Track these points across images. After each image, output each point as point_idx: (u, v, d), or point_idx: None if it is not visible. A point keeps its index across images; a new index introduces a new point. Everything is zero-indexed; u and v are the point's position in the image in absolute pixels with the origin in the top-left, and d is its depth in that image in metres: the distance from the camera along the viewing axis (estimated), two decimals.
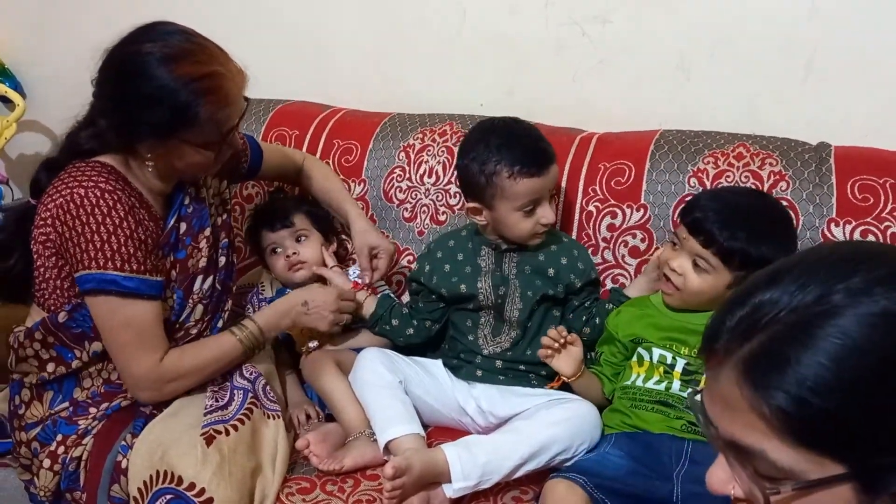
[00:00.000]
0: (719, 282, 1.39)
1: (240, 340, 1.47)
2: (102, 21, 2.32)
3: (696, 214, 1.41)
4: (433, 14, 2.00)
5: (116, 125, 1.36)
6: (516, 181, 1.47)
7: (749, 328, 0.66)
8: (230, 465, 1.29)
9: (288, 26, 1.50)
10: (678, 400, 1.39)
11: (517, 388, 1.54)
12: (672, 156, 1.63)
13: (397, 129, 1.90)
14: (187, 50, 1.33)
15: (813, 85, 1.69)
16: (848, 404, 0.62)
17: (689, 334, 1.43)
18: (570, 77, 1.89)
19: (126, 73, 1.33)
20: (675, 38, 1.78)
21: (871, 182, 1.49)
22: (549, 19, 1.87)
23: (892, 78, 1.63)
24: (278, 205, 1.78)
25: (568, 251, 1.59)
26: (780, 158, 1.57)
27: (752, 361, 0.65)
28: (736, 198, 1.46)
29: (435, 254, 1.65)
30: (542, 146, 1.53)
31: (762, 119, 1.70)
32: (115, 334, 1.37)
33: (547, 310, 1.58)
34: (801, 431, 0.63)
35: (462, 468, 1.32)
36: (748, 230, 1.37)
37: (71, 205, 1.33)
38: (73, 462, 1.39)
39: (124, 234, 1.34)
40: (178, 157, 1.38)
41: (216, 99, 1.34)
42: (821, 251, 0.71)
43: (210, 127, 1.35)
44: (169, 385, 1.40)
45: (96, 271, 1.33)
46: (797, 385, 0.62)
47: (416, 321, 1.66)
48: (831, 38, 1.65)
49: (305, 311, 1.56)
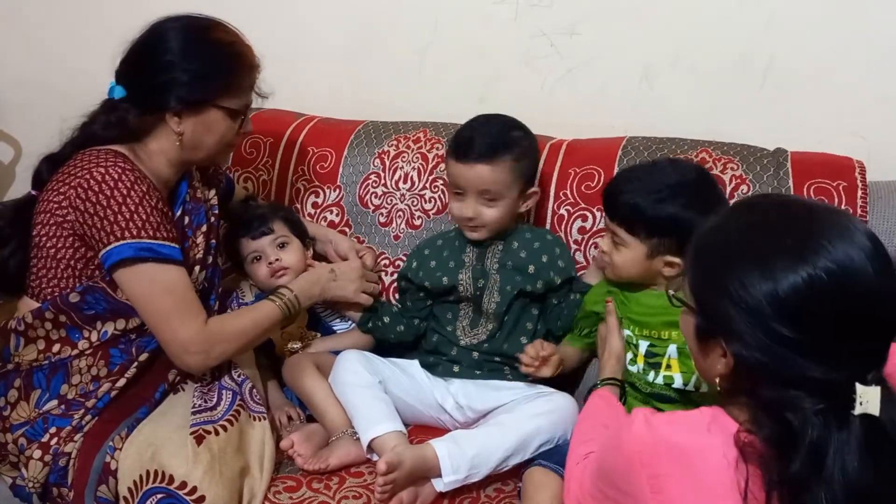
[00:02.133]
0: (636, 253, 1.40)
1: (277, 305, 1.53)
2: (65, 32, 2.35)
3: (606, 189, 1.45)
4: (406, 25, 2.05)
5: (145, 98, 1.43)
6: (448, 160, 1.60)
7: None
8: (220, 464, 1.31)
9: (261, 35, 1.53)
10: (643, 385, 1.43)
11: (493, 382, 1.58)
12: (639, 161, 1.69)
13: (371, 136, 1.94)
14: (211, 23, 1.48)
15: (769, 93, 1.78)
16: (699, 273, 1.01)
17: (647, 316, 1.45)
18: (539, 86, 1.95)
19: (154, 43, 1.44)
20: (640, 50, 1.86)
21: (825, 185, 1.58)
22: (519, 31, 1.94)
23: (843, 86, 1.73)
24: (256, 212, 1.77)
25: (550, 249, 1.63)
26: (740, 163, 1.65)
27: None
28: (649, 168, 1.46)
29: (423, 251, 1.71)
30: (484, 140, 1.55)
31: (722, 126, 1.78)
32: (159, 301, 1.38)
33: (524, 305, 1.62)
34: (689, 277, 1.03)
35: (452, 462, 1.36)
36: (645, 194, 1.37)
37: (92, 182, 1.36)
38: (64, 457, 1.39)
39: (150, 204, 1.38)
40: (208, 128, 1.46)
41: (246, 63, 1.48)
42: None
43: (241, 90, 1.48)
44: (217, 347, 1.43)
45: (131, 240, 1.35)
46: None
47: (405, 318, 1.70)
48: (786, 49, 1.75)
49: (333, 278, 1.66)
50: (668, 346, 1.42)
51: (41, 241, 1.43)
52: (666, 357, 1.43)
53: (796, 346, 0.90)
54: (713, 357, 0.99)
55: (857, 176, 1.58)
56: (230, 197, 1.81)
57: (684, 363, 1.40)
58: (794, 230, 0.93)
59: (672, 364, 1.42)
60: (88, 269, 1.41)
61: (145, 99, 1.44)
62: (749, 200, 1.18)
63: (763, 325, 0.91)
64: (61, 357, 1.44)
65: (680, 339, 1.41)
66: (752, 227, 0.97)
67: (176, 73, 1.42)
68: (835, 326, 0.90)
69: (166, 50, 1.43)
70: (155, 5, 1.49)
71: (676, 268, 1.39)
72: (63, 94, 2.35)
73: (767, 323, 0.90)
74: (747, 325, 0.91)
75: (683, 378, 1.40)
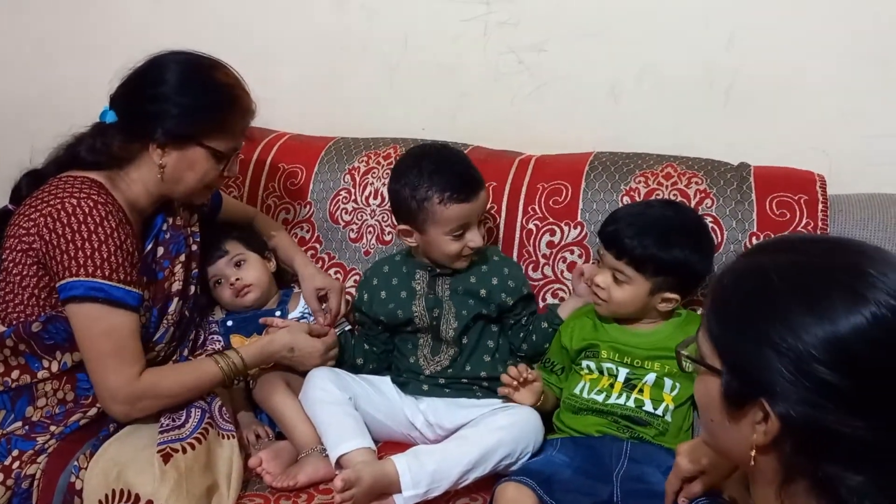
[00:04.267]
0: (640, 290, 1.47)
1: (221, 369, 1.48)
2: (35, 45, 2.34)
3: (609, 228, 1.50)
4: (376, 42, 2.06)
5: (132, 125, 1.43)
6: (447, 207, 1.53)
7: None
8: (187, 482, 1.30)
9: (232, 51, 1.54)
10: (614, 408, 1.46)
11: (462, 400, 1.59)
12: (606, 176, 1.72)
13: (342, 152, 1.95)
14: (214, 62, 1.47)
15: (733, 109, 1.82)
16: (718, 320, 0.88)
17: (633, 347, 1.50)
18: (508, 102, 1.97)
19: (152, 73, 1.44)
20: (606, 67, 1.88)
21: (787, 199, 1.61)
22: (487, 48, 1.96)
23: (804, 102, 1.76)
24: (207, 237, 1.73)
25: (499, 271, 1.64)
26: (704, 178, 1.67)
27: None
28: (645, 209, 1.54)
29: (371, 281, 1.69)
30: (472, 173, 1.58)
31: (687, 141, 1.81)
32: (96, 343, 1.37)
33: (483, 326, 1.63)
34: (707, 326, 0.90)
35: (412, 477, 1.36)
36: (655, 237, 1.44)
37: (62, 213, 1.35)
38: (27, 479, 1.37)
39: (114, 243, 1.37)
40: (190, 165, 1.45)
41: (240, 107, 1.47)
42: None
43: (231, 134, 1.46)
44: (143, 402, 1.40)
45: (84, 278, 1.34)
46: (710, 292, 0.92)
47: (366, 346, 1.70)
48: (748, 68, 1.78)
49: (291, 357, 1.58)
50: (646, 375, 1.47)
51: (8, 266, 1.42)
52: (642, 382, 1.47)
53: (850, 398, 0.77)
54: (746, 425, 0.85)
55: (818, 189, 1.61)
56: (217, 212, 1.78)
57: (656, 392, 1.46)
58: (843, 265, 0.82)
59: (644, 389, 1.47)
60: (52, 299, 1.41)
61: (133, 126, 1.43)
62: (775, 241, 1.02)
63: (814, 377, 0.78)
64: (19, 384, 1.43)
65: (661, 370, 1.46)
66: (795, 266, 0.84)
67: (167, 105, 1.41)
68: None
69: (163, 81, 1.42)
70: (127, 23, 1.49)
71: (673, 303, 1.48)
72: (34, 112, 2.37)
73: (818, 374, 0.78)
74: (796, 378, 0.79)
75: (653, 405, 1.45)
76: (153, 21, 2.24)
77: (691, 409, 1.48)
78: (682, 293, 1.49)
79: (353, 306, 1.74)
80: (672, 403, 1.45)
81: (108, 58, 1.47)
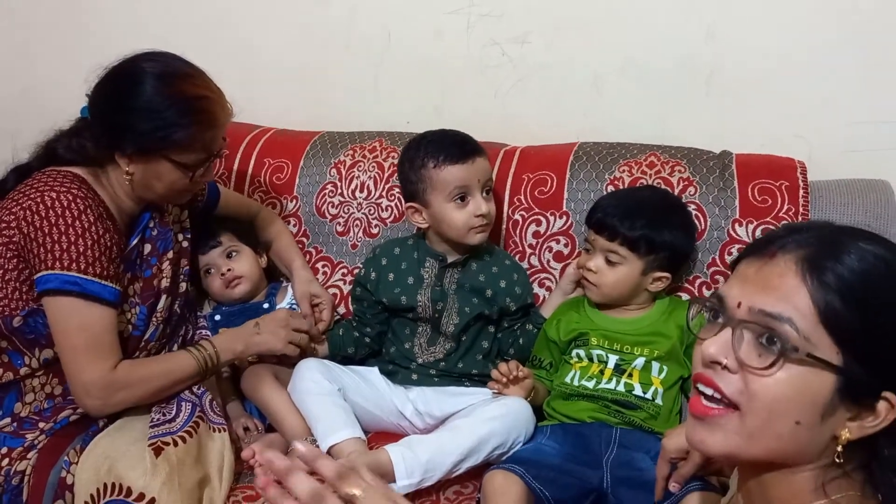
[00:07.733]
0: (633, 270, 1.51)
1: (194, 357, 1.48)
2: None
3: (598, 214, 1.54)
4: (359, 36, 2.07)
5: (102, 132, 1.40)
6: (442, 169, 1.55)
7: (808, 239, 0.81)
8: (179, 475, 1.31)
9: (215, 48, 1.54)
10: (605, 393, 1.48)
11: (451, 389, 1.60)
12: (590, 166, 1.74)
13: (328, 146, 1.95)
14: (185, 72, 1.41)
15: (714, 99, 1.84)
16: (860, 311, 0.77)
17: (622, 334, 1.52)
18: (492, 94, 1.99)
19: (123, 83, 1.39)
20: (589, 58, 1.90)
21: (768, 185, 1.63)
22: (471, 41, 1.97)
23: (784, 91, 1.78)
24: (202, 227, 1.74)
25: (508, 275, 1.65)
26: (687, 166, 1.69)
27: (811, 258, 0.80)
28: (631, 193, 1.61)
29: (380, 260, 1.69)
30: (467, 139, 1.60)
31: (669, 130, 1.83)
32: (69, 337, 1.36)
33: (482, 327, 1.64)
34: (826, 314, 0.77)
35: (406, 467, 1.37)
36: (646, 218, 1.50)
37: (41, 206, 1.35)
38: (17, 476, 1.37)
39: (91, 238, 1.36)
40: (157, 176, 1.42)
41: (204, 121, 1.40)
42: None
43: (193, 148, 1.41)
44: (118, 394, 1.40)
45: (59, 272, 1.34)
46: (837, 279, 0.77)
47: (357, 333, 1.70)
48: (727, 58, 1.80)
49: (257, 332, 1.56)
50: (635, 360, 1.50)
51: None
52: (631, 366, 1.50)
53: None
54: (837, 421, 0.78)
55: (798, 176, 1.63)
56: (214, 208, 1.77)
57: (644, 376, 1.48)
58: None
59: (634, 373, 1.49)
60: (33, 292, 1.40)
61: (102, 134, 1.42)
62: (856, 229, 0.88)
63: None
64: (3, 381, 1.42)
65: (649, 355, 1.49)
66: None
67: (134, 118, 1.38)
68: None
69: (135, 94, 1.38)
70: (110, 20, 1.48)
71: (664, 281, 1.53)
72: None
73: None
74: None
75: (643, 388, 1.48)
76: (136, 18, 2.23)
77: (679, 392, 1.50)
78: (672, 272, 1.53)
79: (356, 280, 1.73)
80: (661, 387, 1.47)
81: (90, 55, 1.46)
